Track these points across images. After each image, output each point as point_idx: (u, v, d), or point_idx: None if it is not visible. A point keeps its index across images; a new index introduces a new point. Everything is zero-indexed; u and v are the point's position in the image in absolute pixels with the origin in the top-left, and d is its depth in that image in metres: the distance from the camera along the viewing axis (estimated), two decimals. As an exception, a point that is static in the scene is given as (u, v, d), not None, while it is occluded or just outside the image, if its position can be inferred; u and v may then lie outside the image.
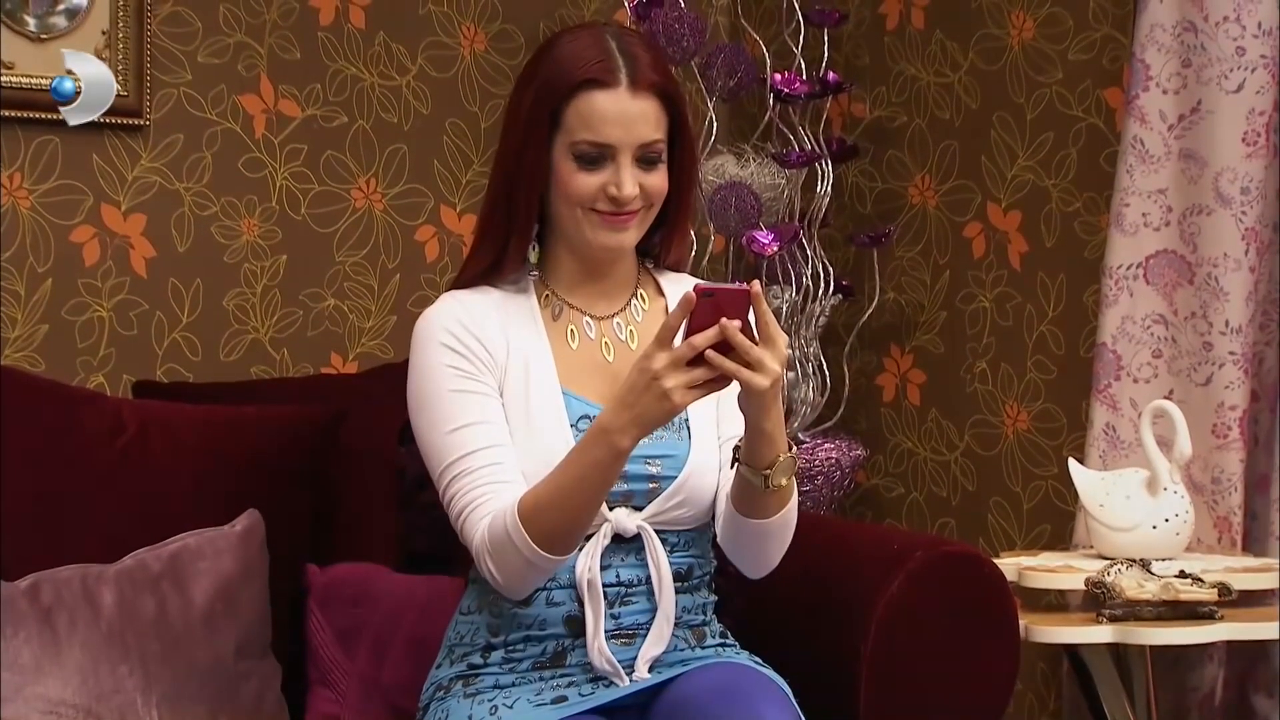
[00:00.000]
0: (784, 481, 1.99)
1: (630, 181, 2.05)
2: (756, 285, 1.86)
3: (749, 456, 1.98)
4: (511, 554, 1.97)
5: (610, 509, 2.06)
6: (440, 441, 2.05)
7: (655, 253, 2.21)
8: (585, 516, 1.97)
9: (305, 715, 2.46)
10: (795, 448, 2.00)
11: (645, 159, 2.07)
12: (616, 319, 2.16)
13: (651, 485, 2.08)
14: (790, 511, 2.06)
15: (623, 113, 2.05)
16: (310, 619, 2.49)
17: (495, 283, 2.14)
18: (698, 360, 1.85)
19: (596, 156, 2.05)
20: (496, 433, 2.05)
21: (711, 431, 2.12)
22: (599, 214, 2.07)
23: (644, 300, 2.18)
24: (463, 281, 2.15)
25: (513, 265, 2.13)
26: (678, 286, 2.20)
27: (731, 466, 2.03)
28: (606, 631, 2.06)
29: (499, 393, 2.08)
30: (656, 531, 2.08)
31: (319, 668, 2.47)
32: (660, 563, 2.07)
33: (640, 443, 1.93)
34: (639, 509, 2.08)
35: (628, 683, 2.04)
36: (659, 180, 2.08)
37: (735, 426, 2.05)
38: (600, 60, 2.05)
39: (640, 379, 1.87)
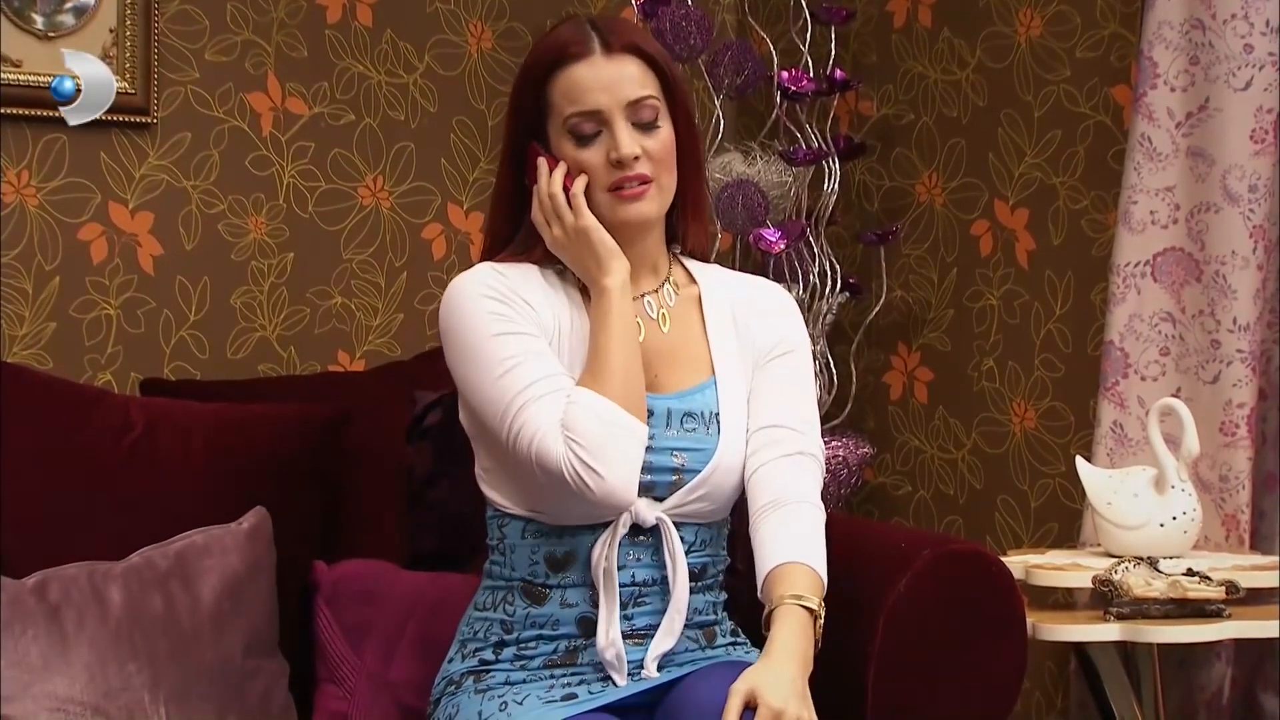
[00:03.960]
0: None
1: (628, 141, 2.06)
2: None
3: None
4: (591, 422, 1.98)
5: None
6: (493, 387, 2.03)
7: (679, 240, 2.22)
8: (633, 368, 2.04)
9: (313, 713, 2.46)
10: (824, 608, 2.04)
11: (640, 122, 2.08)
12: (648, 297, 2.16)
13: (675, 477, 2.09)
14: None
15: (601, 76, 2.07)
16: (318, 616, 2.49)
17: (531, 260, 2.15)
18: None
19: (589, 127, 2.07)
20: (549, 363, 2.04)
21: (741, 428, 2.12)
22: (612, 193, 2.08)
23: (675, 286, 2.19)
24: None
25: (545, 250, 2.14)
26: (710, 275, 2.22)
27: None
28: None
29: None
30: (674, 524, 2.08)
31: (327, 665, 2.47)
32: (676, 554, 2.07)
33: (668, 434, 2.02)
34: (660, 500, 2.08)
35: (624, 682, 2.04)
36: (660, 141, 2.09)
37: (767, 415, 2.11)
38: (571, 37, 2.10)
39: None
